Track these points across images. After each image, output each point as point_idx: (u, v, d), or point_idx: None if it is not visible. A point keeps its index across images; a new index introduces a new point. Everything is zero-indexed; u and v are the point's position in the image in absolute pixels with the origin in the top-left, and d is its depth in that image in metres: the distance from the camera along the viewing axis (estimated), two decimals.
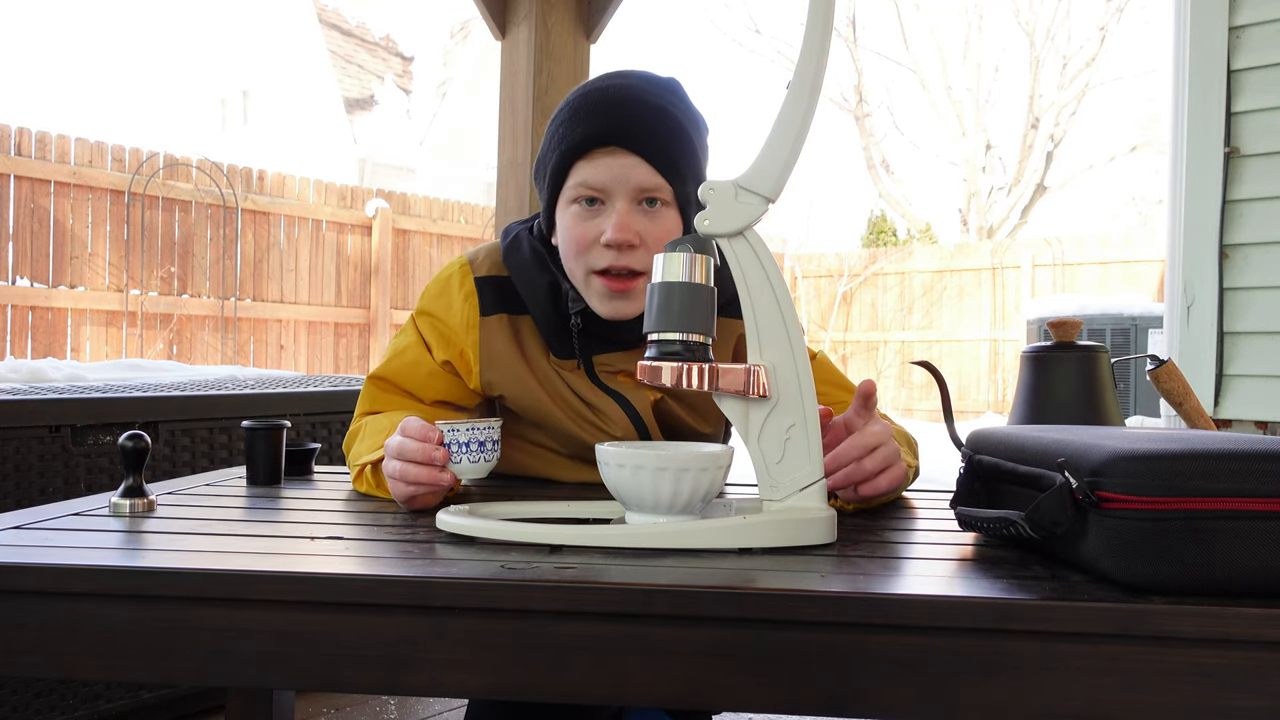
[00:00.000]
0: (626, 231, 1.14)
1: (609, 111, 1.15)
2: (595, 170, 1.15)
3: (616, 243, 1.14)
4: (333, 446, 2.37)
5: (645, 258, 1.15)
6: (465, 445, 1.06)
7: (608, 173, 1.14)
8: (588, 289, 1.19)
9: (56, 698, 1.83)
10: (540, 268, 1.23)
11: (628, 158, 1.14)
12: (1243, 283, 2.85)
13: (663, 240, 1.13)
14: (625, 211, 1.14)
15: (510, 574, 0.75)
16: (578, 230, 1.17)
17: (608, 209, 1.16)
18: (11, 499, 1.82)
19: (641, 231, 1.15)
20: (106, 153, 6.02)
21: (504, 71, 2.90)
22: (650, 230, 1.16)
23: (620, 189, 1.15)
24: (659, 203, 1.16)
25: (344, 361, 7.29)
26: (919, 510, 1.11)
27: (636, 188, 1.14)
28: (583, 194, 1.16)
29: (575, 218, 1.17)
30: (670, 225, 1.17)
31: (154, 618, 0.76)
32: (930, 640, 0.70)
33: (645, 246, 1.15)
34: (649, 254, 1.15)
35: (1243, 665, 0.67)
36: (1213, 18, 2.87)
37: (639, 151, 1.14)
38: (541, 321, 1.23)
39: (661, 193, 1.16)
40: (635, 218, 1.15)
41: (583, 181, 1.15)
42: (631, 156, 1.14)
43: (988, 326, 9.88)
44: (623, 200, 1.15)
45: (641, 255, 1.15)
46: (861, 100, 15.79)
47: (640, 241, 1.15)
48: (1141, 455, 0.70)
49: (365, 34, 15.50)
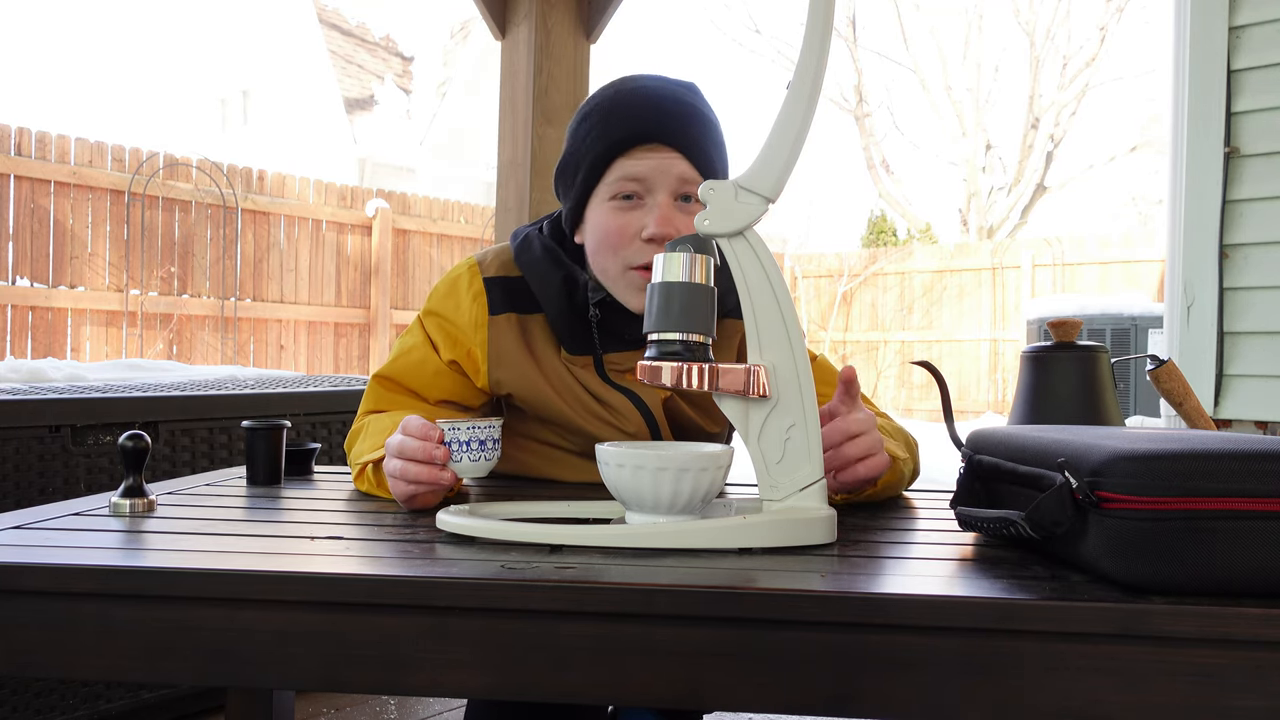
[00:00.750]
0: (669, 225, 1.16)
1: (651, 109, 1.18)
2: (638, 165, 1.18)
3: (660, 236, 1.16)
4: (333, 446, 2.37)
5: None
6: (466, 444, 1.06)
7: (650, 167, 1.17)
8: (622, 284, 1.21)
9: (56, 698, 1.83)
10: (554, 263, 1.24)
11: (669, 153, 1.17)
12: (1243, 283, 2.85)
13: None
14: (667, 205, 1.18)
15: (510, 574, 0.75)
16: (615, 223, 1.19)
17: (647, 204, 1.18)
18: (11, 499, 1.82)
19: (681, 226, 1.18)
20: (106, 153, 6.02)
21: (504, 71, 2.90)
22: (688, 225, 1.18)
23: (662, 182, 1.18)
24: (693, 199, 1.19)
25: (344, 361, 7.29)
26: (919, 510, 1.11)
27: (678, 179, 1.18)
28: (623, 189, 1.19)
29: (612, 212, 1.19)
30: None
31: (154, 618, 0.76)
32: (930, 640, 0.70)
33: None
34: None
35: (1243, 665, 0.67)
36: (1213, 18, 2.87)
37: (680, 148, 1.17)
38: (556, 316, 1.24)
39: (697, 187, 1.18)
40: (675, 212, 1.18)
41: (625, 175, 1.18)
42: (673, 152, 1.17)
43: (988, 326, 9.88)
44: (664, 194, 1.18)
45: None
46: (861, 100, 15.80)
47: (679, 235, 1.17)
48: (1141, 455, 0.70)
49: (365, 34, 15.50)
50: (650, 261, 1.15)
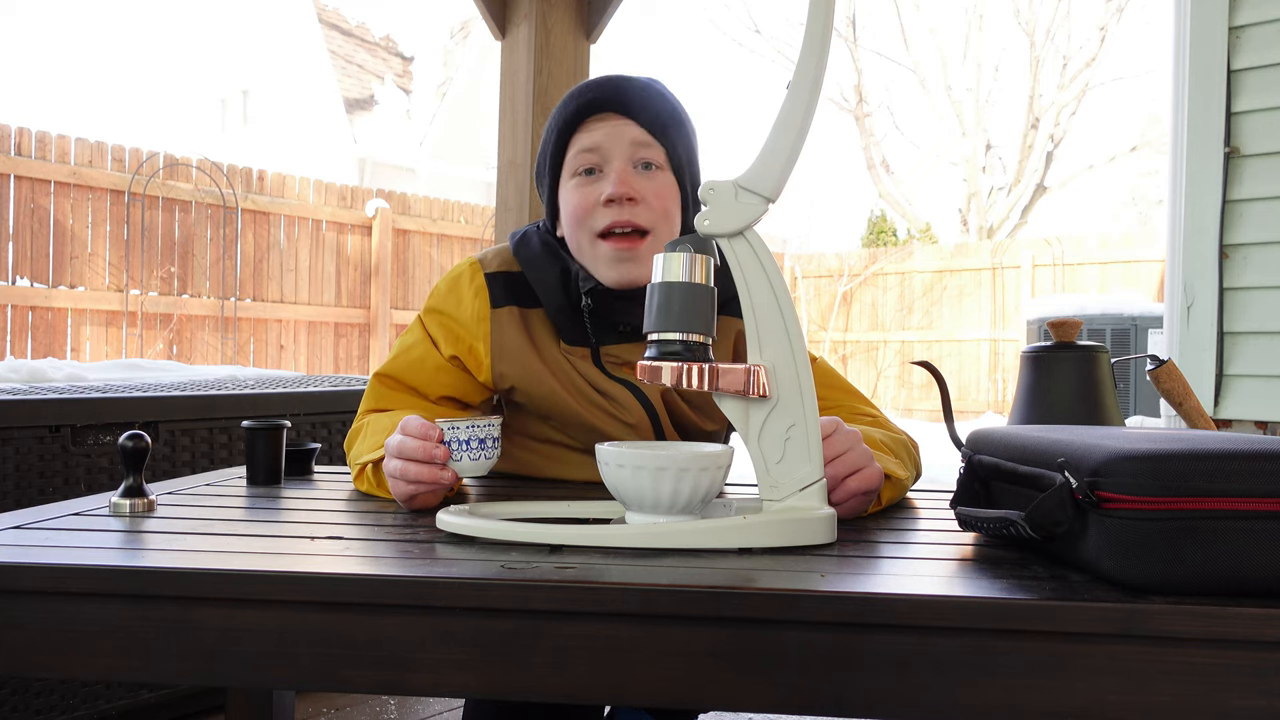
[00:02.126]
0: (625, 185, 1.19)
1: (598, 86, 1.24)
2: (591, 135, 1.22)
3: (617, 195, 1.19)
4: (333, 446, 2.37)
5: (647, 214, 1.21)
6: (465, 443, 1.06)
7: (602, 134, 1.21)
8: (595, 258, 1.22)
9: (56, 698, 1.83)
10: (550, 256, 1.27)
11: (620, 120, 1.22)
12: (1243, 283, 2.85)
13: (662, 199, 1.21)
14: (622, 170, 1.20)
15: (510, 574, 0.75)
16: (578, 197, 1.22)
17: (606, 173, 1.21)
18: (11, 499, 1.82)
19: (640, 188, 1.20)
20: (106, 153, 6.02)
21: (504, 71, 2.90)
22: (648, 189, 1.21)
23: (616, 147, 1.21)
24: (654, 165, 1.22)
25: (344, 361, 7.29)
26: (919, 510, 1.11)
27: (630, 143, 1.21)
28: (582, 163, 1.22)
29: (576, 188, 1.23)
30: (665, 186, 1.23)
31: (154, 618, 0.76)
32: (930, 640, 0.70)
33: (646, 203, 1.21)
34: (650, 211, 1.21)
35: (1242, 665, 0.67)
36: (1213, 18, 2.87)
37: (629, 114, 1.22)
38: (554, 309, 1.26)
39: (655, 154, 1.22)
40: (633, 176, 1.21)
41: (581, 148, 1.22)
42: (624, 119, 1.22)
43: (988, 326, 9.88)
44: (619, 159, 1.21)
45: (643, 211, 1.20)
46: (861, 100, 15.79)
47: (640, 197, 1.20)
48: (1141, 455, 0.70)
49: (365, 34, 15.50)
50: (613, 224, 1.20)
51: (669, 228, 1.23)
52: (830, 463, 0.96)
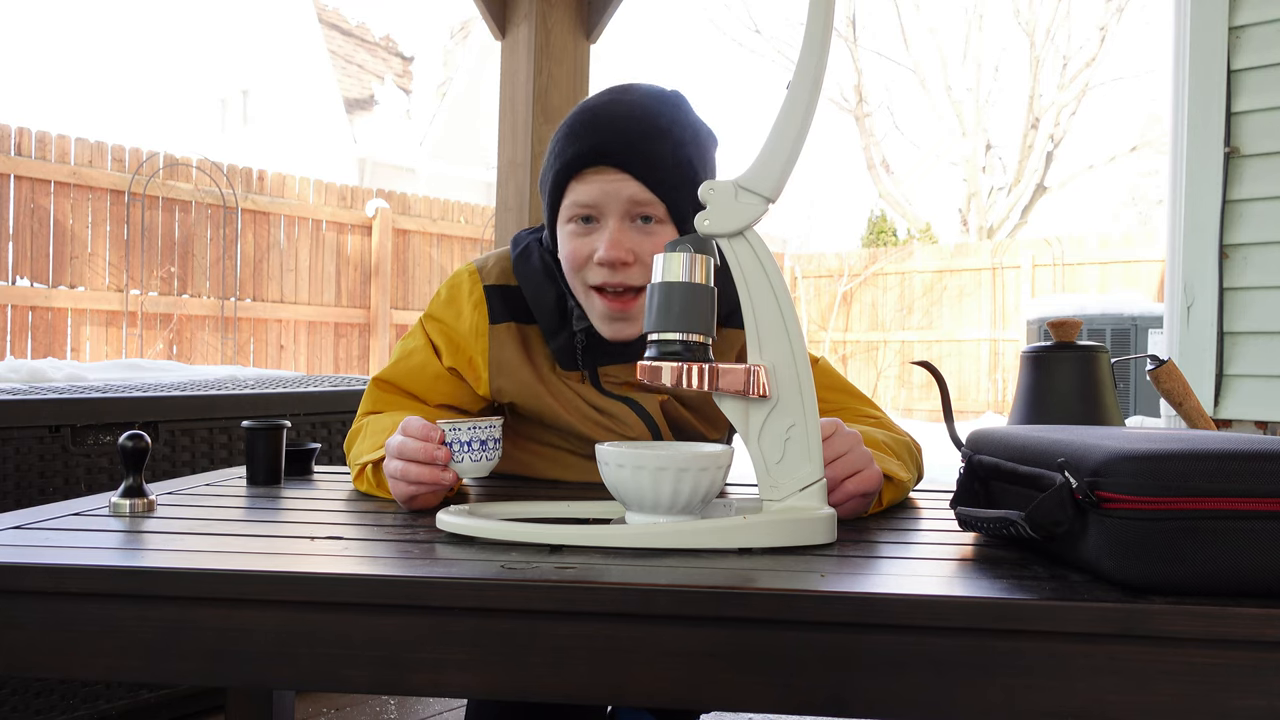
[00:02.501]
0: (618, 249, 1.14)
1: (600, 130, 1.15)
2: (587, 189, 1.15)
3: (608, 261, 1.14)
4: (333, 446, 2.37)
5: (642, 275, 1.16)
6: (467, 444, 1.06)
7: (599, 190, 1.15)
8: (590, 307, 1.20)
9: (56, 698, 1.83)
10: (548, 279, 1.24)
11: (618, 175, 1.14)
12: (1243, 283, 2.85)
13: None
14: (617, 229, 1.15)
15: (510, 574, 0.75)
16: (573, 246, 1.18)
17: (602, 226, 1.16)
18: (11, 499, 1.82)
19: (635, 249, 1.15)
20: (106, 153, 6.02)
21: (504, 71, 2.90)
22: (645, 247, 1.16)
23: (612, 206, 1.15)
24: (653, 220, 1.16)
25: (344, 362, 7.29)
26: (919, 510, 1.11)
27: (628, 202, 1.15)
28: (577, 213, 1.17)
29: (571, 235, 1.18)
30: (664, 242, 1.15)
31: (154, 618, 0.76)
32: (930, 640, 0.70)
33: (641, 263, 1.16)
34: (645, 271, 1.15)
35: (1242, 665, 0.67)
36: (1213, 18, 2.87)
37: (629, 169, 1.14)
38: (548, 334, 1.24)
39: (654, 209, 1.15)
40: (629, 235, 1.15)
41: (576, 200, 1.17)
42: (622, 174, 1.14)
43: (988, 326, 9.88)
44: (615, 218, 1.15)
45: (637, 272, 1.16)
46: (861, 100, 15.79)
47: (634, 259, 1.15)
48: (1141, 455, 0.70)
49: (365, 34, 15.49)
50: (605, 283, 1.16)
51: None
52: (830, 464, 0.96)
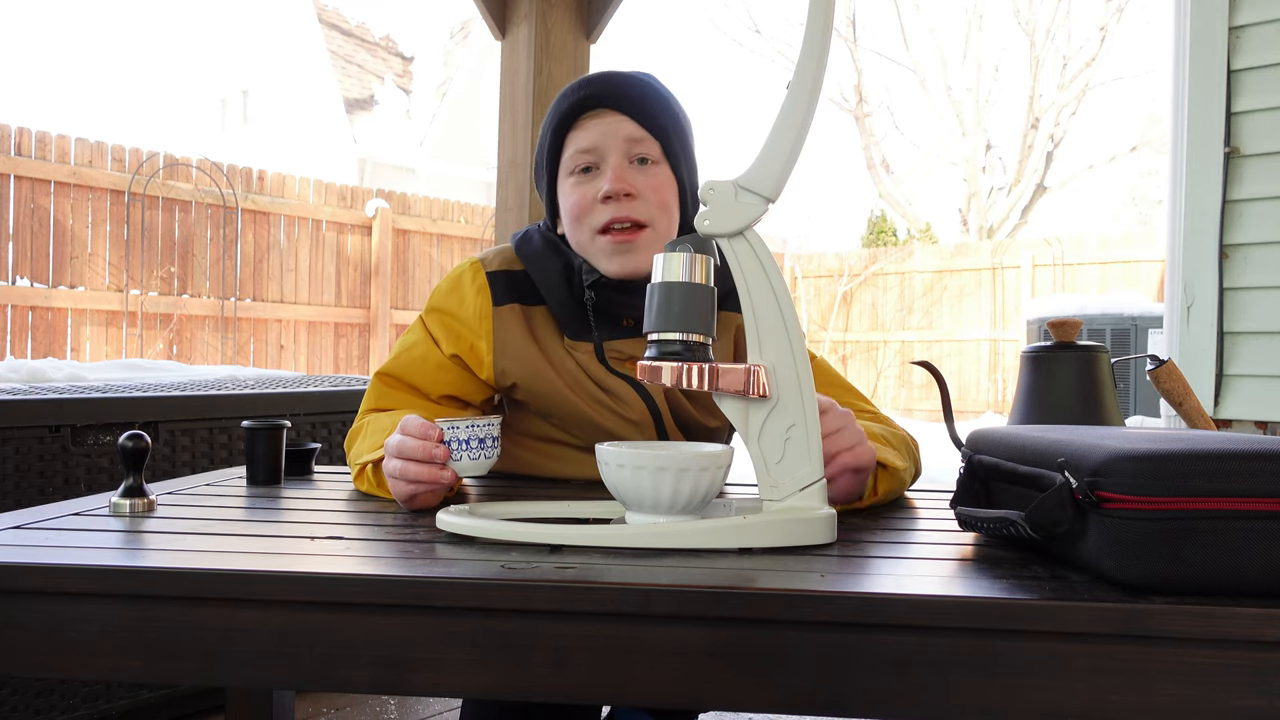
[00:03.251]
0: (622, 181, 1.20)
1: (591, 82, 1.24)
2: (586, 134, 1.23)
3: (614, 191, 1.20)
4: (333, 446, 2.37)
5: (644, 209, 1.21)
6: (465, 442, 1.06)
7: (598, 132, 1.22)
8: (595, 252, 1.24)
9: (56, 698, 1.83)
10: (553, 251, 1.28)
11: (614, 116, 1.22)
12: (1243, 283, 2.85)
13: (659, 192, 1.22)
14: (619, 165, 1.21)
15: (510, 574, 0.75)
16: (576, 195, 1.23)
17: (603, 170, 1.22)
18: (11, 499, 1.82)
19: (636, 183, 1.21)
20: (106, 153, 6.02)
21: (504, 71, 2.90)
22: (646, 183, 1.22)
23: (612, 144, 1.22)
24: (650, 160, 1.23)
25: (344, 361, 7.29)
26: (919, 510, 1.11)
27: (625, 140, 1.22)
28: (579, 162, 1.23)
29: (574, 186, 1.24)
30: (663, 180, 1.24)
31: (154, 618, 0.76)
32: (930, 640, 0.70)
33: (643, 198, 1.21)
34: (648, 205, 1.22)
35: (1242, 665, 0.67)
36: (1213, 18, 2.87)
37: (623, 110, 1.22)
38: (556, 304, 1.26)
39: (650, 147, 1.23)
40: (629, 171, 1.22)
41: (577, 148, 1.23)
42: (618, 114, 1.22)
43: (988, 326, 9.88)
44: (616, 155, 1.22)
45: (640, 206, 1.21)
46: (861, 100, 15.79)
47: (638, 193, 1.21)
48: (1141, 455, 0.70)
49: (365, 34, 15.49)
50: (612, 220, 1.21)
51: (667, 220, 1.24)
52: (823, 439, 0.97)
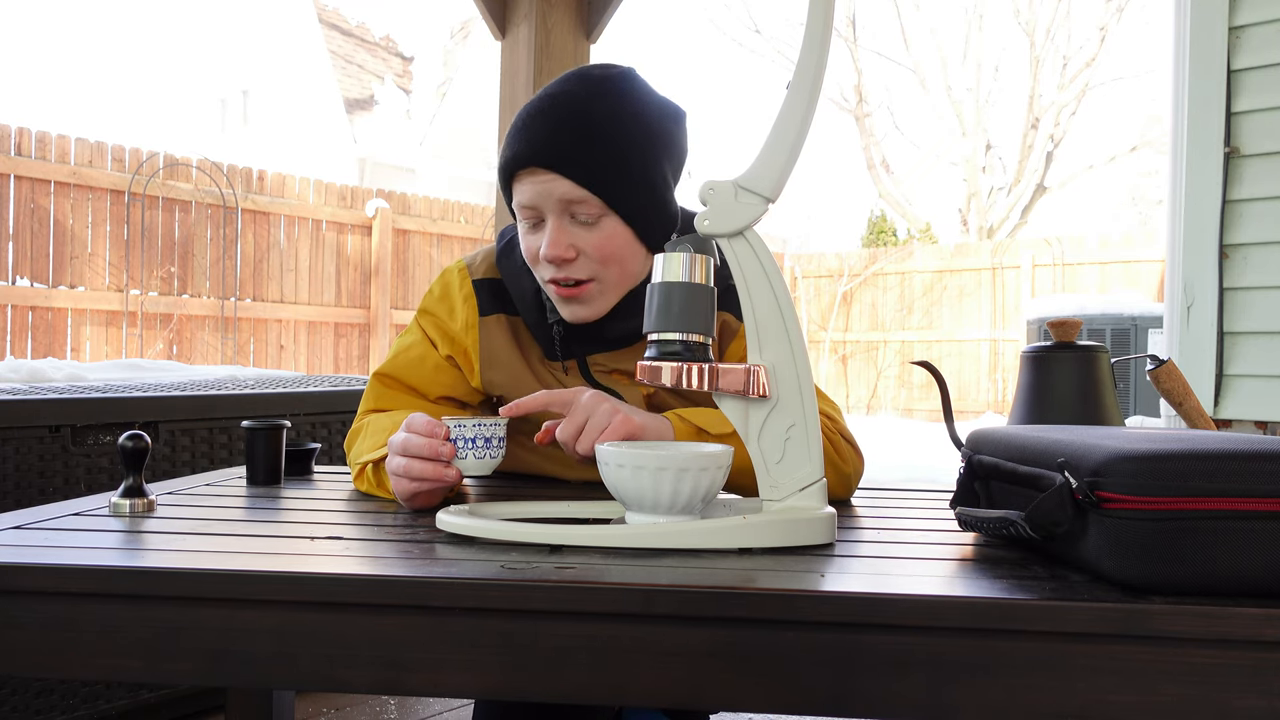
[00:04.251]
0: (558, 247, 1.15)
1: (529, 131, 1.15)
2: (524, 190, 1.16)
3: (549, 259, 1.15)
4: (333, 446, 2.37)
5: (586, 267, 1.16)
6: (472, 441, 1.06)
7: (533, 191, 1.15)
8: (551, 296, 1.21)
9: (56, 698, 1.83)
10: (526, 272, 1.25)
11: (548, 175, 1.14)
12: (1243, 283, 2.85)
13: (603, 249, 1.16)
14: (556, 228, 1.15)
15: (510, 574, 0.75)
16: (526, 244, 1.20)
17: (546, 225, 1.17)
18: (11, 499, 1.82)
19: (578, 244, 1.16)
20: (106, 153, 6.02)
21: (504, 71, 2.90)
22: (589, 240, 1.16)
23: (548, 205, 1.15)
24: (590, 217, 1.15)
25: (344, 362, 7.29)
26: (919, 510, 1.11)
27: (560, 201, 1.14)
28: (523, 214, 1.18)
29: (524, 234, 1.21)
30: (609, 234, 1.16)
31: (154, 618, 0.76)
32: (930, 640, 0.70)
33: (584, 257, 1.16)
34: (589, 264, 1.16)
35: (1242, 665, 0.67)
36: (1213, 18, 2.87)
37: (557, 169, 1.13)
38: (531, 325, 1.26)
39: (589, 206, 1.14)
40: (570, 231, 1.16)
41: (519, 203, 1.18)
42: (551, 174, 1.13)
43: (988, 326, 9.88)
44: (553, 215, 1.16)
45: (581, 265, 1.16)
46: (861, 100, 15.79)
47: (576, 254, 1.16)
48: (1141, 455, 0.70)
49: (365, 34, 15.50)
50: (555, 279, 1.17)
51: (618, 268, 1.18)
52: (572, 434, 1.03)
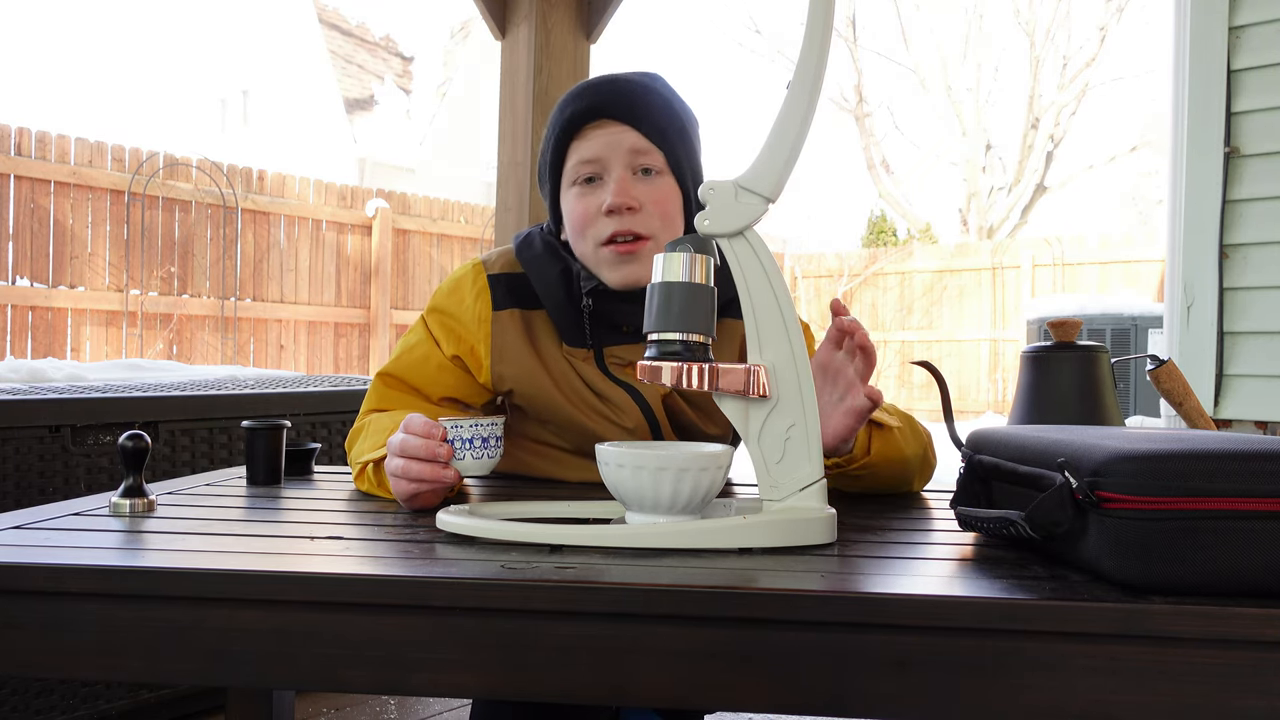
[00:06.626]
0: (625, 195, 1.18)
1: (595, 89, 1.22)
2: (589, 145, 1.21)
3: (616, 206, 1.18)
4: (333, 446, 2.37)
5: (647, 222, 1.20)
6: (469, 441, 1.06)
7: (601, 143, 1.20)
8: (598, 262, 1.23)
9: (56, 698, 1.83)
10: (552, 256, 1.27)
11: (617, 127, 1.20)
12: (1243, 283, 2.85)
13: (662, 204, 1.20)
14: (622, 178, 1.20)
15: (510, 574, 0.75)
16: (580, 207, 1.22)
17: (606, 181, 1.21)
18: (11, 499, 1.82)
19: (640, 196, 1.20)
20: (106, 153, 6.02)
21: (504, 71, 2.90)
22: (649, 195, 1.20)
23: (615, 156, 1.20)
24: (653, 171, 1.21)
25: (344, 361, 7.29)
26: (919, 510, 1.11)
27: (629, 151, 1.20)
28: (582, 172, 1.22)
29: (577, 197, 1.23)
30: (667, 191, 1.22)
31: (154, 618, 0.76)
32: (930, 640, 0.70)
33: (646, 211, 1.20)
34: (651, 219, 1.20)
35: (1243, 665, 0.67)
36: (1213, 18, 2.87)
37: (627, 120, 1.20)
38: (554, 309, 1.26)
39: (654, 158, 1.21)
40: (632, 184, 1.20)
41: (580, 159, 1.21)
42: (621, 125, 1.20)
43: (988, 326, 9.88)
44: (619, 168, 1.20)
45: (643, 219, 1.20)
46: (861, 100, 15.79)
47: (640, 205, 1.20)
48: (1141, 455, 0.70)
49: (365, 34, 15.50)
50: (614, 233, 1.20)
51: (670, 231, 1.23)
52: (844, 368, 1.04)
